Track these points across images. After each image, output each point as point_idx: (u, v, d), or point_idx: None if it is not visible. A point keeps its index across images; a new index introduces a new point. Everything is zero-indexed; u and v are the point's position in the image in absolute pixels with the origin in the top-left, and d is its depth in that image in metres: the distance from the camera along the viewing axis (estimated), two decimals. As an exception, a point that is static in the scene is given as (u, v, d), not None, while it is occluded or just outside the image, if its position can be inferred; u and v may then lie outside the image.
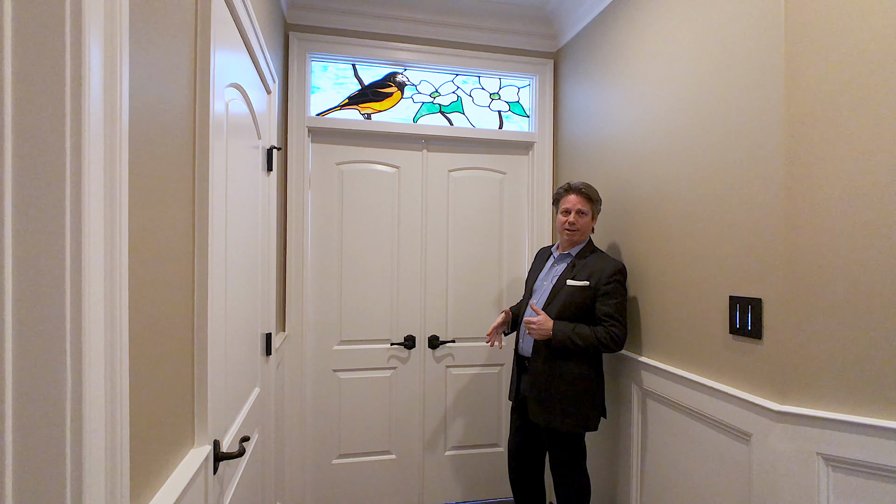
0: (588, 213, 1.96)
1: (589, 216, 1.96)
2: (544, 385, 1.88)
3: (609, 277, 1.85)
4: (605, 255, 1.95)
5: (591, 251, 1.97)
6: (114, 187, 0.60)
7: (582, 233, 1.96)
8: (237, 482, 1.38)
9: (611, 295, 1.84)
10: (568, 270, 1.94)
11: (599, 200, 1.99)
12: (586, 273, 1.89)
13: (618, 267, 1.87)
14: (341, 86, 2.51)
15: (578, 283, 1.89)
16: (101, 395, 0.58)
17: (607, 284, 1.84)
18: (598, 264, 1.89)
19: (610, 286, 1.84)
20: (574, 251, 1.99)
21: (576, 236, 1.97)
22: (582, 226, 1.95)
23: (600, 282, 1.85)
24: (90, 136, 0.55)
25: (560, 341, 1.81)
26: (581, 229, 1.96)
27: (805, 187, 1.27)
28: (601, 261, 1.91)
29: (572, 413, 1.84)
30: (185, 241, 0.97)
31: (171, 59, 0.87)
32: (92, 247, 0.56)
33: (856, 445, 1.17)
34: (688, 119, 1.65)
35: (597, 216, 2.00)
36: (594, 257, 1.94)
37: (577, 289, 1.88)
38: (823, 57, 1.25)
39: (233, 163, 1.32)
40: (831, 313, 1.23)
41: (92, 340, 0.56)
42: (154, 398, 0.81)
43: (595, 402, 1.87)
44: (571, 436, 1.90)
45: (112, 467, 0.61)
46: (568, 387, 1.84)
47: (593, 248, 1.98)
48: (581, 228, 1.95)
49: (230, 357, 1.31)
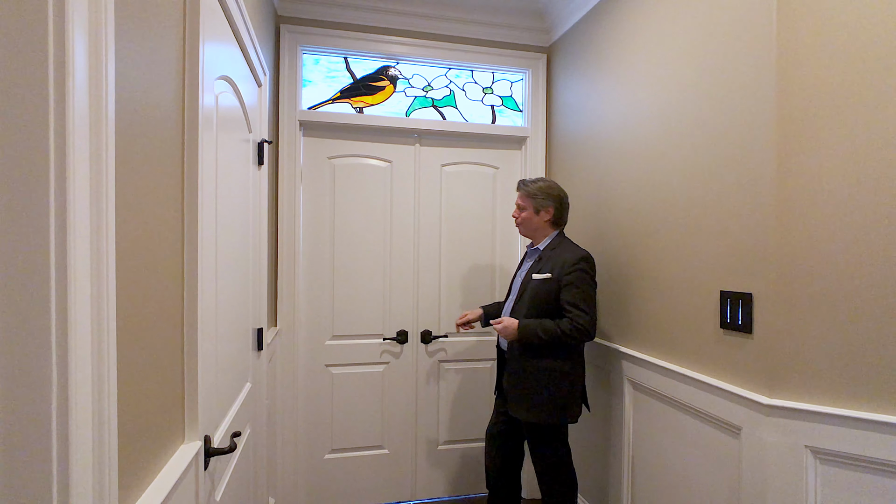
0: (527, 208, 1.98)
1: (529, 210, 1.98)
2: (520, 380, 1.89)
3: (571, 267, 1.84)
4: (571, 247, 1.93)
5: (559, 243, 1.96)
6: (100, 182, 0.60)
7: (526, 227, 2.00)
8: (229, 477, 1.37)
9: (573, 284, 1.83)
10: (535, 264, 1.96)
11: (545, 195, 1.96)
12: (550, 265, 1.90)
13: (579, 256, 1.85)
14: (333, 79, 2.49)
15: (542, 276, 1.90)
16: (87, 391, 0.57)
17: (569, 274, 1.83)
18: (562, 255, 1.89)
19: (571, 275, 1.83)
20: (542, 245, 1.99)
21: (522, 230, 2.03)
22: (523, 219, 2.00)
23: (562, 272, 1.85)
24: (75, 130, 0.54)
25: (526, 338, 1.83)
26: (523, 223, 2.00)
27: (796, 183, 1.28)
28: (566, 251, 1.90)
29: (547, 406, 1.84)
30: (174, 236, 0.96)
31: (158, 51, 0.86)
32: (77, 242, 0.55)
33: (844, 438, 1.18)
34: (680, 114, 1.66)
35: (545, 210, 1.96)
36: (560, 248, 1.93)
37: (541, 282, 1.89)
38: (815, 53, 1.25)
39: (223, 156, 1.31)
40: (821, 308, 1.24)
41: (78, 337, 0.55)
42: (143, 393, 0.81)
43: (572, 394, 1.86)
44: (551, 429, 1.89)
45: (100, 463, 0.61)
46: (542, 380, 1.85)
47: (561, 241, 1.97)
48: (523, 222, 2.00)
49: (221, 352, 1.30)
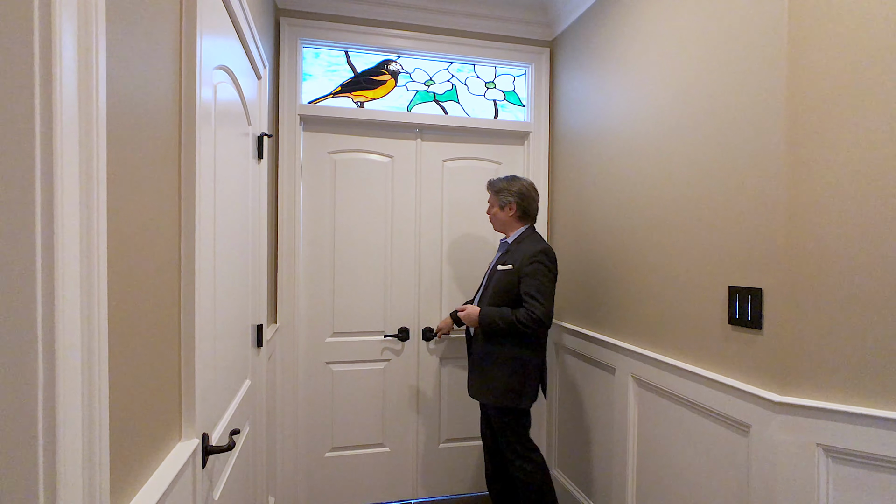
0: (493, 204, 2.09)
1: (495, 206, 2.08)
2: (482, 365, 1.99)
3: (530, 258, 1.91)
4: (535, 240, 1.99)
5: (526, 237, 2.02)
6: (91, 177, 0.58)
7: (496, 222, 2.10)
8: (227, 476, 1.35)
9: (531, 275, 1.90)
10: (502, 257, 2.05)
11: (507, 192, 2.04)
12: (514, 258, 1.97)
13: (538, 248, 1.92)
14: (334, 73, 2.46)
15: (505, 267, 1.99)
16: (76, 388, 0.55)
17: (528, 266, 1.91)
18: (524, 248, 1.96)
19: (530, 267, 1.90)
20: (511, 238, 2.07)
21: (494, 226, 2.13)
22: (492, 216, 2.11)
23: (522, 264, 1.93)
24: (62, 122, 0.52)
25: (486, 325, 1.93)
26: (493, 219, 2.11)
27: (807, 174, 1.25)
28: (529, 244, 1.97)
29: (503, 389, 1.92)
30: (171, 229, 0.93)
31: (153, 42, 0.83)
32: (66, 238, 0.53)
33: (857, 436, 1.15)
34: (687, 106, 1.62)
35: (509, 206, 2.04)
36: (525, 242, 2.00)
37: (504, 273, 1.98)
38: (828, 42, 1.22)
39: (221, 149, 1.28)
40: (834, 303, 1.21)
41: (66, 332, 0.53)
42: (138, 390, 0.78)
43: (527, 380, 1.94)
44: (509, 413, 1.95)
45: (90, 462, 0.58)
46: (501, 366, 1.94)
47: (528, 235, 2.03)
48: (492, 218, 2.11)
49: (219, 349, 1.27)
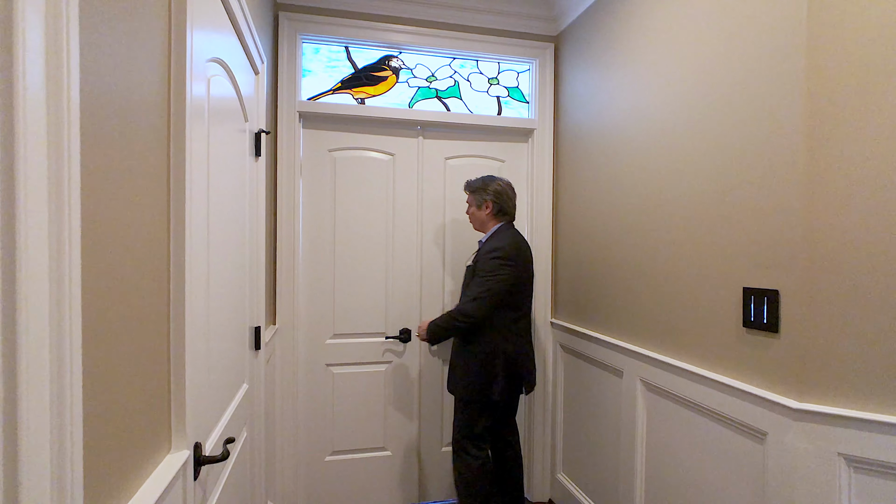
0: (471, 204, 2.14)
1: (473, 206, 2.13)
2: (454, 359, 2.10)
3: (485, 255, 1.96)
4: (501, 237, 2.01)
5: (495, 235, 2.05)
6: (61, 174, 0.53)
7: (474, 221, 2.15)
8: (223, 485, 1.29)
9: (480, 272, 1.96)
10: (474, 255, 2.10)
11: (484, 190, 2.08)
12: (478, 254, 2.03)
13: (494, 246, 1.97)
14: (334, 69, 2.41)
15: (469, 263, 2.09)
16: (43, 397, 0.50)
17: (483, 263, 1.96)
18: (487, 245, 2.01)
19: (481, 264, 1.96)
20: (485, 237, 2.10)
21: (473, 225, 2.18)
22: (471, 215, 2.16)
23: (479, 261, 1.99)
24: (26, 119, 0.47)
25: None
26: (472, 219, 2.17)
27: (827, 169, 1.19)
28: (492, 241, 2.01)
29: (466, 382, 2.00)
30: (159, 229, 0.88)
31: (137, 35, 0.78)
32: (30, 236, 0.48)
33: (881, 445, 1.09)
34: (698, 101, 1.57)
35: (485, 204, 2.09)
36: (493, 239, 2.03)
37: (468, 270, 2.07)
38: (849, 30, 1.16)
39: (216, 146, 1.23)
40: (855, 305, 1.15)
41: (30, 336, 0.48)
42: (119, 399, 0.73)
43: (489, 377, 1.98)
44: (469, 404, 2.02)
45: (59, 480, 0.53)
46: (469, 359, 2.01)
47: (497, 232, 2.06)
48: (471, 218, 2.17)
49: (214, 352, 1.22)
